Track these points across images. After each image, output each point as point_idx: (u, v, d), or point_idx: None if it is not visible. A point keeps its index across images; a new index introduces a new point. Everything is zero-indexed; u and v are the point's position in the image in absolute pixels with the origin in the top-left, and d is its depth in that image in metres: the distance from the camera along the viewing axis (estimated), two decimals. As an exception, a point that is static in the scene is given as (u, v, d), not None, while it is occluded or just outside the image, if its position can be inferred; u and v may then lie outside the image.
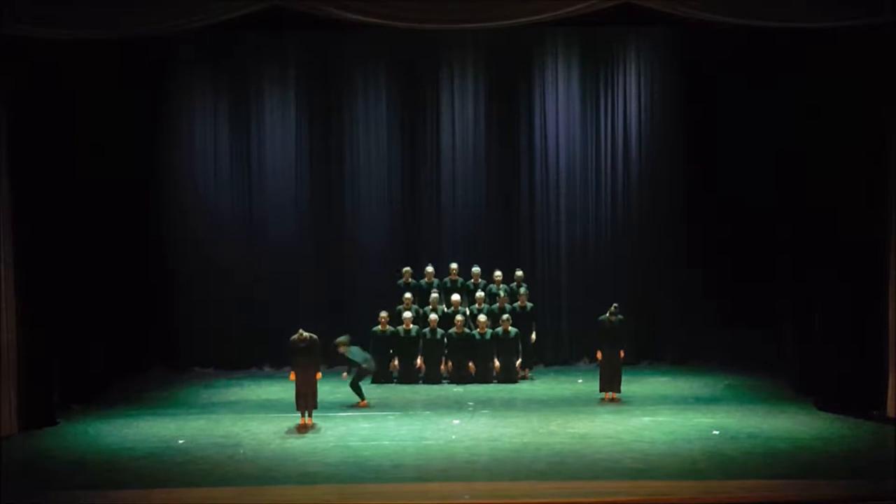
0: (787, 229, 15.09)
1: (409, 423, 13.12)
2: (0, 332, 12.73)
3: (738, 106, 16.26)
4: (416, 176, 17.49)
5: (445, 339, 15.79)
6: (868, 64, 12.96)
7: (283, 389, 14.72)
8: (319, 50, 17.02)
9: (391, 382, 15.87)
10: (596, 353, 14.84)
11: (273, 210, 17.25)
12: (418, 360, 15.84)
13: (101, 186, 15.54)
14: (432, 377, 15.77)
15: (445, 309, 16.23)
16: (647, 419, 13.25)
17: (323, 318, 16.53)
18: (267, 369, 17.08)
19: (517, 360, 15.85)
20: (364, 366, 14.44)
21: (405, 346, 15.84)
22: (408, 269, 16.67)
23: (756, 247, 16.19)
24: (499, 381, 15.66)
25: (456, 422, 13.21)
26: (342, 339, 14.35)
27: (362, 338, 16.54)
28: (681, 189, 17.16)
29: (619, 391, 14.59)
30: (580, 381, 16.03)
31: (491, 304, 16.37)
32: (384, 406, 14.31)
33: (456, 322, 15.74)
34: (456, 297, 16.24)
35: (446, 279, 16.76)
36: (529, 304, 16.29)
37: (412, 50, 16.98)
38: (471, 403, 14.26)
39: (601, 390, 14.60)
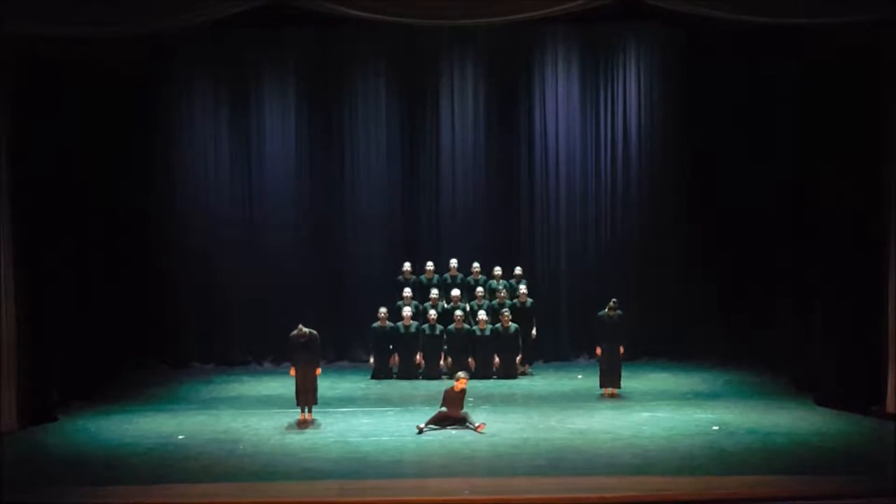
0: (788, 226, 15.09)
1: (408, 419, 13.12)
2: (0, 330, 12.73)
3: (738, 103, 16.27)
4: (417, 172, 17.50)
5: (445, 335, 15.81)
6: (869, 60, 12.96)
7: (283, 385, 14.74)
8: (319, 47, 17.01)
9: (391, 378, 15.89)
10: (595, 349, 14.85)
11: (273, 206, 17.25)
12: (418, 356, 15.85)
13: (100, 185, 15.56)
14: (432, 373, 15.78)
15: (445, 305, 16.24)
16: (646, 415, 13.27)
17: (323, 313, 16.58)
18: (267, 365, 17.09)
19: (517, 355, 15.87)
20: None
21: (405, 341, 15.86)
22: (408, 264, 16.68)
23: (756, 242, 16.19)
24: (498, 377, 15.68)
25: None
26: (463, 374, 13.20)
27: (362, 335, 16.67)
28: (681, 185, 17.17)
29: (618, 387, 14.60)
30: (580, 376, 16.05)
31: (491, 300, 16.38)
32: (384, 402, 14.33)
33: (455, 318, 15.75)
34: (456, 292, 16.25)
35: (446, 275, 16.76)
36: (529, 300, 16.31)
37: (412, 47, 16.99)
38: (470, 399, 14.24)
39: (601, 386, 14.61)
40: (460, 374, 13.12)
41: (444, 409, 12.72)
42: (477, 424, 12.56)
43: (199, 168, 17.22)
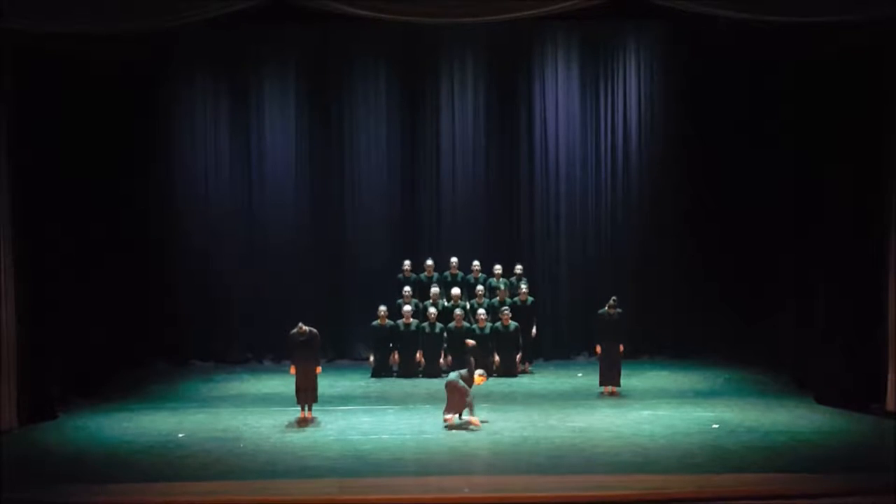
0: (789, 224, 15.09)
1: (408, 417, 13.13)
2: (0, 327, 12.73)
3: (739, 101, 16.26)
4: (416, 170, 17.52)
5: (445, 334, 15.80)
6: (872, 58, 12.95)
7: (283, 383, 14.74)
8: (319, 46, 17.02)
9: (391, 376, 15.90)
10: (595, 347, 14.84)
11: (273, 204, 17.26)
12: (418, 355, 15.85)
13: (101, 184, 15.56)
14: (432, 371, 15.78)
15: (445, 303, 16.24)
16: (646, 413, 13.27)
17: (323, 311, 16.58)
18: (267, 363, 17.10)
19: (517, 354, 15.87)
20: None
21: (405, 340, 15.86)
22: (408, 262, 16.68)
23: (757, 240, 16.19)
24: (498, 375, 15.67)
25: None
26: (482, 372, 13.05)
27: (362, 333, 16.66)
28: (681, 183, 17.17)
29: (618, 385, 14.60)
30: (580, 374, 16.05)
31: (491, 299, 16.37)
32: (384, 400, 14.33)
33: (455, 316, 15.75)
34: (456, 291, 16.25)
35: (446, 273, 16.76)
36: (530, 299, 16.31)
37: (412, 45, 17.00)
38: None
39: (601, 384, 14.61)
40: (480, 371, 13.10)
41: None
42: (472, 418, 12.54)
43: (200, 167, 17.24)
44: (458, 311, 15.79)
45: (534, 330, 16.27)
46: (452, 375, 12.81)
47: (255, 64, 17.13)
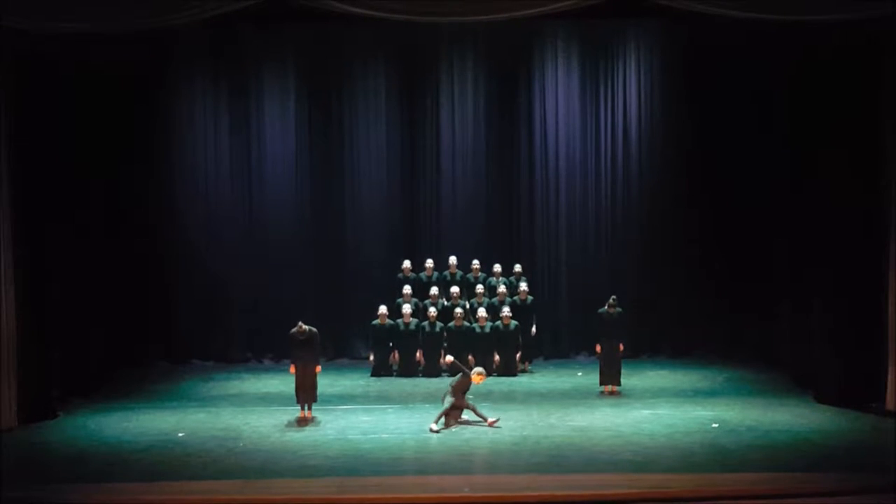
0: (788, 223, 15.09)
1: (408, 417, 13.13)
2: (0, 326, 12.73)
3: (738, 98, 16.26)
4: (416, 170, 17.51)
5: (445, 333, 15.80)
6: (870, 57, 12.95)
7: (283, 383, 14.76)
8: (318, 45, 17.00)
9: (391, 376, 15.90)
10: (595, 346, 14.84)
11: (273, 204, 17.25)
12: (418, 354, 15.86)
13: (101, 182, 15.59)
14: (431, 371, 15.78)
15: (445, 302, 16.25)
16: (646, 412, 13.27)
17: (323, 310, 16.58)
18: (267, 362, 17.10)
19: (517, 353, 15.87)
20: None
21: (405, 339, 15.86)
22: (407, 262, 16.68)
23: (756, 239, 16.20)
24: (498, 375, 15.67)
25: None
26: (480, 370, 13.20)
27: (362, 332, 16.67)
28: (681, 182, 17.16)
29: (618, 384, 14.60)
30: (580, 374, 16.06)
31: (490, 298, 16.37)
32: (384, 399, 14.33)
33: (455, 315, 15.75)
34: (455, 290, 16.25)
35: (446, 272, 16.77)
36: (530, 298, 16.31)
37: (412, 45, 16.98)
38: (470, 396, 14.26)
39: (601, 383, 14.61)
40: (479, 369, 13.10)
41: (450, 399, 12.68)
42: (490, 420, 12.61)
43: (200, 166, 17.23)
44: (458, 311, 15.80)
45: (533, 329, 16.27)
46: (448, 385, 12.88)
47: (255, 64, 17.12)
